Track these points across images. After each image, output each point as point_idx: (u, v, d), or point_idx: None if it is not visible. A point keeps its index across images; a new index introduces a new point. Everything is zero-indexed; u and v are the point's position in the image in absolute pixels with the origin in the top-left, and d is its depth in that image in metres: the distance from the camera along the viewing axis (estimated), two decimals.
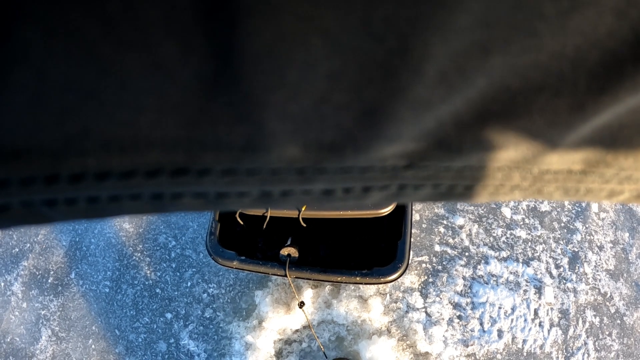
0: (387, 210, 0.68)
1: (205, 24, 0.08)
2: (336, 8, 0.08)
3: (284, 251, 0.73)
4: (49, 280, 1.00)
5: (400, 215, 0.75)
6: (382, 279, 0.70)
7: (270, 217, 0.68)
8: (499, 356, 0.86)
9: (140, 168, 0.11)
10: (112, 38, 0.08)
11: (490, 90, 0.11)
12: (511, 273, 0.92)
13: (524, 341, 0.88)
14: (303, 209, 0.68)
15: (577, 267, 0.94)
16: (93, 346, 0.92)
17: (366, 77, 0.10)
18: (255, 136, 0.11)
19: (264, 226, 0.70)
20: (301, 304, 0.74)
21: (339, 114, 0.11)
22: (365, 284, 0.71)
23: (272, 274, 0.72)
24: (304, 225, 0.69)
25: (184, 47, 0.09)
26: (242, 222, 0.72)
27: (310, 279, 0.72)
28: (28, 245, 1.05)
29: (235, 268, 0.73)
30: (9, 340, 0.97)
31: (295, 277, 0.71)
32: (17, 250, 1.04)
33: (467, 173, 0.13)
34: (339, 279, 0.70)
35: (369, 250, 0.83)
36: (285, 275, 0.70)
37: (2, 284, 1.02)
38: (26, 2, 0.08)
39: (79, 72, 0.09)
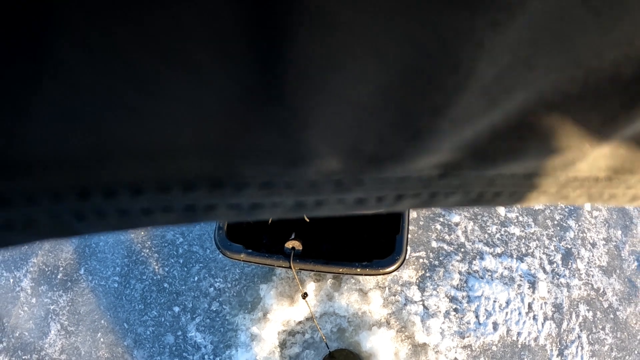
0: None
1: (250, 36, 0.08)
2: (387, 24, 0.09)
3: (289, 244, 0.81)
4: (58, 276, 1.08)
5: (398, 211, 0.83)
6: (381, 270, 0.78)
7: None
8: (494, 348, 0.94)
9: (177, 183, 0.11)
10: (151, 52, 0.08)
11: (528, 104, 0.11)
12: (505, 268, 1.01)
13: (519, 334, 0.96)
14: None
15: (570, 263, 1.03)
16: (102, 339, 1.00)
17: (412, 92, 0.10)
18: (297, 151, 0.11)
19: (269, 221, 0.78)
20: (304, 295, 0.83)
21: (383, 128, 0.11)
22: (365, 275, 0.79)
23: (277, 266, 0.80)
24: (307, 220, 0.78)
25: (227, 61, 0.09)
26: None
27: (313, 271, 0.81)
28: (37, 242, 1.13)
29: (242, 260, 0.81)
30: (17, 334, 1.04)
31: (299, 269, 0.80)
32: (26, 247, 1.13)
33: (498, 181, 0.14)
34: (340, 270, 0.79)
35: (369, 245, 0.92)
36: (290, 267, 0.79)
37: (12, 280, 1.10)
38: (62, 12, 0.08)
39: (115, 86, 0.09)
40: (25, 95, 0.09)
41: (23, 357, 1.01)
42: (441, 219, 1.06)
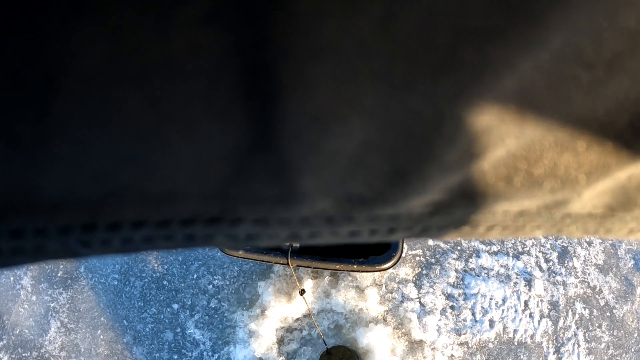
0: None
1: (245, 101, 0.09)
2: (375, 86, 0.09)
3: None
4: (59, 274, 1.10)
5: None
6: (377, 267, 0.80)
7: None
8: (490, 345, 0.96)
9: (176, 218, 0.12)
10: (154, 112, 0.09)
11: (518, 150, 0.11)
12: (502, 266, 1.02)
13: (515, 331, 0.97)
14: None
15: (566, 262, 1.04)
16: (101, 336, 1.02)
17: (400, 145, 0.10)
18: (288, 193, 0.12)
19: None
20: (302, 292, 0.84)
21: (371, 176, 0.11)
22: (362, 271, 0.81)
23: (275, 263, 0.82)
24: None
25: (224, 122, 0.09)
26: None
27: (310, 267, 0.82)
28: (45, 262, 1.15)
29: (241, 257, 0.83)
30: (17, 332, 1.06)
31: (297, 266, 0.82)
32: None
33: (490, 218, 0.14)
34: (337, 267, 0.81)
35: (365, 243, 0.93)
36: (287, 264, 0.80)
37: (12, 278, 1.12)
38: (68, 80, 0.08)
39: (117, 141, 0.10)
40: (34, 150, 0.09)
41: (23, 355, 1.03)
42: None
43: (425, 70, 0.09)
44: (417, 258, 1.03)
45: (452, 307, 0.98)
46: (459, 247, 1.04)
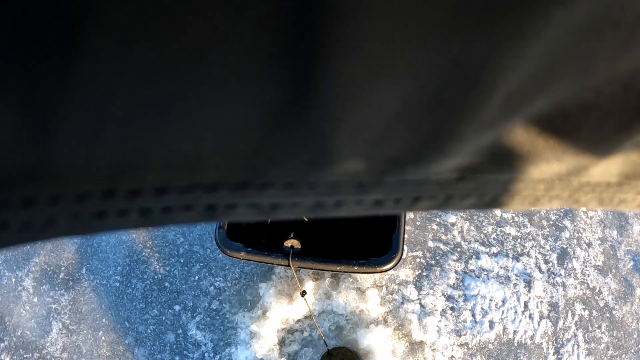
0: None
1: (287, 59, 0.09)
2: (419, 37, 0.09)
3: (288, 243, 0.84)
4: (60, 276, 1.11)
5: None
6: (377, 268, 0.81)
7: None
8: (490, 346, 0.97)
9: (201, 183, 0.11)
10: (187, 72, 0.08)
11: (546, 111, 0.12)
12: (501, 268, 1.03)
13: (515, 332, 0.98)
14: None
15: (565, 263, 1.05)
16: (103, 338, 1.03)
17: (439, 102, 0.10)
18: (324, 153, 0.11)
19: (269, 220, 0.81)
20: (303, 293, 0.85)
21: (407, 134, 0.11)
22: (362, 272, 0.82)
23: (276, 264, 0.83)
24: (306, 219, 0.81)
25: (264, 79, 0.09)
26: None
27: (311, 269, 0.83)
28: (39, 242, 1.16)
29: (242, 259, 0.84)
30: (19, 333, 1.07)
31: (298, 267, 0.83)
32: (28, 247, 1.15)
33: (512, 185, 0.14)
34: (338, 268, 0.82)
35: (366, 243, 0.95)
36: (289, 265, 0.81)
37: (13, 279, 1.13)
38: (92, 37, 0.07)
39: (151, 92, 0.09)
40: (52, 114, 0.09)
41: (25, 356, 1.04)
42: (437, 219, 1.09)
43: (466, 24, 0.09)
44: (417, 260, 1.04)
45: (452, 309, 0.99)
46: (458, 249, 1.06)
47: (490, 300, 1.00)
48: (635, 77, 0.11)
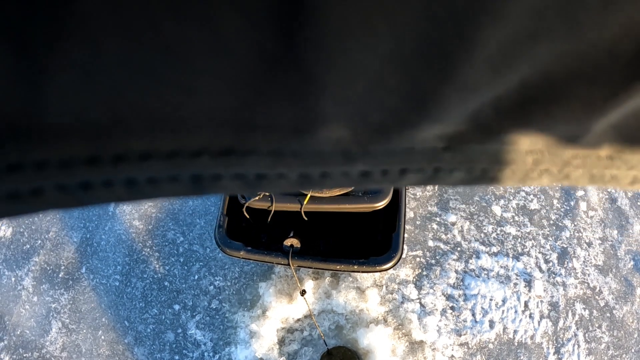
0: (383, 204, 0.79)
1: (274, 5, 0.09)
2: None
3: (287, 242, 0.84)
4: (60, 275, 1.11)
5: (395, 209, 0.86)
6: (377, 268, 0.81)
7: (274, 211, 0.79)
8: (490, 345, 0.97)
9: (184, 149, 0.11)
10: (175, 12, 0.08)
11: (532, 77, 0.11)
12: (502, 267, 1.03)
13: (515, 332, 0.98)
14: (305, 202, 0.79)
15: (566, 262, 1.05)
16: (103, 337, 1.03)
17: (420, 59, 0.10)
18: (305, 117, 0.11)
19: (269, 219, 0.81)
20: (303, 292, 0.85)
21: (390, 95, 0.11)
22: (362, 272, 0.82)
23: (276, 263, 0.83)
24: (306, 218, 0.80)
25: (248, 23, 0.09)
26: (248, 216, 0.83)
27: (311, 268, 0.83)
28: (39, 241, 1.16)
29: (242, 258, 0.84)
30: (19, 332, 1.07)
31: (298, 266, 0.82)
32: (28, 246, 1.15)
33: (501, 157, 0.14)
34: (338, 267, 0.81)
35: (366, 243, 0.94)
36: (289, 265, 0.81)
37: (13, 279, 1.13)
38: None
39: (136, 48, 0.09)
40: (44, 57, 0.08)
41: (24, 355, 1.04)
42: (437, 219, 1.09)
43: None
44: (417, 259, 1.04)
45: (452, 308, 0.99)
46: (458, 248, 1.05)
47: (491, 299, 1.00)
48: (619, 43, 0.11)
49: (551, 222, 1.09)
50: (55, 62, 0.09)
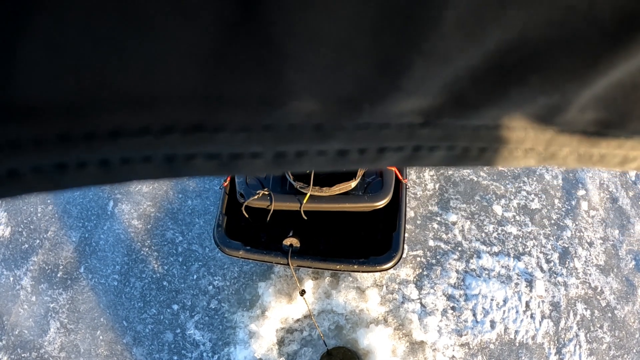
0: (383, 203, 0.79)
1: None
2: None
3: (287, 241, 0.83)
4: (58, 275, 1.10)
5: (395, 208, 0.85)
6: (377, 267, 0.80)
7: (273, 210, 0.79)
8: (491, 346, 0.96)
9: (154, 125, 0.11)
10: (132, 6, 0.08)
11: (506, 44, 0.11)
12: (503, 267, 1.02)
13: (516, 332, 0.97)
14: (305, 201, 0.78)
15: (567, 262, 1.04)
16: (101, 337, 1.02)
17: (385, 24, 0.10)
18: (273, 88, 0.11)
19: (268, 218, 0.80)
20: (302, 292, 0.84)
21: (358, 63, 0.11)
22: (362, 271, 0.81)
23: (275, 263, 0.82)
24: (305, 218, 0.80)
25: (206, 7, 0.09)
26: (247, 216, 0.82)
27: (310, 267, 0.82)
28: (38, 241, 1.15)
29: (241, 257, 0.83)
30: (17, 332, 1.06)
31: (297, 266, 0.82)
32: (26, 246, 1.15)
33: (481, 133, 0.13)
34: (338, 267, 0.81)
35: (366, 242, 0.93)
36: (288, 264, 0.80)
37: (12, 278, 1.12)
38: None
39: (98, 17, 0.09)
40: (13, 30, 0.09)
41: (23, 355, 1.03)
42: (438, 218, 1.08)
43: None
44: (418, 259, 1.03)
45: (453, 308, 0.98)
46: (459, 248, 1.04)
47: (492, 299, 0.99)
48: (594, 8, 0.10)
49: (552, 221, 1.08)
50: (20, 32, 0.09)
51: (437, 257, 1.03)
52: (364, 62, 0.11)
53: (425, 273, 1.02)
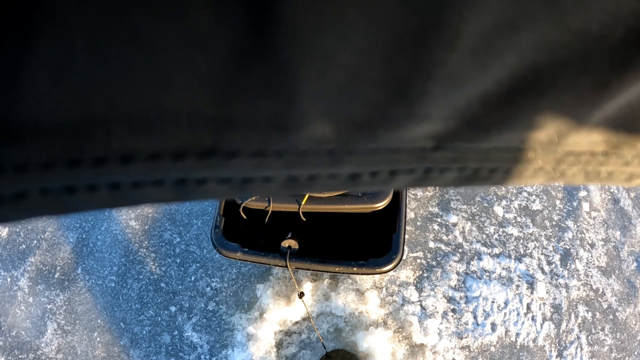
0: (383, 204, 0.77)
1: (240, 10, 0.09)
2: None
3: (285, 243, 0.81)
4: (56, 276, 1.09)
5: (395, 209, 0.84)
6: (377, 269, 0.78)
7: (271, 211, 0.77)
8: (492, 349, 0.94)
9: (167, 150, 0.11)
10: (145, 6, 0.08)
11: (518, 69, 0.11)
12: (504, 269, 1.01)
13: (517, 334, 0.95)
14: (303, 202, 0.77)
15: (568, 264, 1.02)
16: (98, 339, 1.00)
17: (400, 51, 0.10)
18: (286, 113, 0.11)
19: (266, 219, 0.78)
20: (301, 295, 0.83)
21: (371, 89, 0.11)
22: (362, 274, 0.79)
23: (273, 265, 0.80)
24: (304, 219, 0.78)
25: (219, 16, 0.09)
26: (245, 217, 0.80)
27: (309, 269, 0.81)
28: (35, 242, 1.13)
29: (239, 259, 0.81)
30: (14, 334, 1.04)
31: (296, 268, 0.80)
32: (24, 246, 1.13)
33: (492, 155, 0.13)
34: (337, 269, 0.79)
35: (366, 244, 0.92)
36: (286, 266, 0.79)
37: (9, 279, 1.10)
38: None
39: (107, 42, 0.09)
40: (18, 53, 0.08)
41: (19, 356, 1.01)
42: (439, 219, 1.06)
43: None
44: (418, 261, 1.01)
45: (453, 310, 0.96)
46: (460, 250, 1.03)
47: (492, 302, 0.97)
48: (605, 30, 0.10)
49: (553, 223, 1.07)
50: (29, 60, 0.09)
51: (438, 258, 1.01)
52: (378, 87, 0.11)
53: (425, 275, 1.00)
